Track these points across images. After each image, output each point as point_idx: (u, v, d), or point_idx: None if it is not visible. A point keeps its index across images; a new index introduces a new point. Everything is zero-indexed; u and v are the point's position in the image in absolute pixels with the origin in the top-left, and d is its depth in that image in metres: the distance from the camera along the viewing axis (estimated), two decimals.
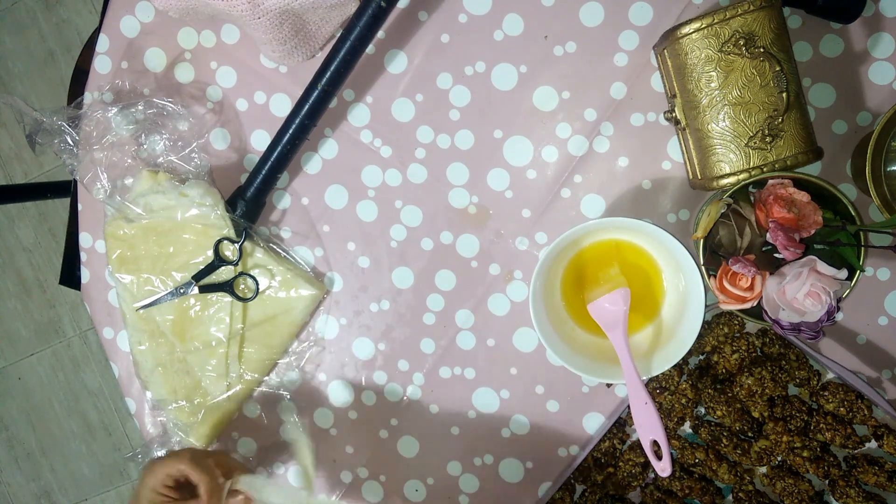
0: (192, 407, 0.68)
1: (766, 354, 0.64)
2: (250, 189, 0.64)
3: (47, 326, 1.66)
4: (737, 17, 0.52)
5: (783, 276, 0.53)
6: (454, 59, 0.65)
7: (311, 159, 0.68)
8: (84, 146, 0.67)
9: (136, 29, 0.68)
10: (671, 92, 0.58)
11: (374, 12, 0.56)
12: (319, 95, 0.60)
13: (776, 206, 0.52)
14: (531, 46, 0.63)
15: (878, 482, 0.60)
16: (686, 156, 0.60)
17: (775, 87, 0.52)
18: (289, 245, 0.69)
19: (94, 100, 0.69)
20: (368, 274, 0.69)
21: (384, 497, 0.70)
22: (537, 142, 0.65)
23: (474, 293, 0.67)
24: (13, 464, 1.71)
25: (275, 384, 0.69)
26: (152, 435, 0.72)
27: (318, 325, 0.70)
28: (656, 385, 0.65)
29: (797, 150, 0.53)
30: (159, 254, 0.66)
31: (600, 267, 0.62)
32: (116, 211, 0.66)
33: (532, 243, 0.66)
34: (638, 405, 0.57)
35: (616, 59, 0.62)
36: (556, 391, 0.67)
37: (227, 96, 0.68)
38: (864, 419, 0.61)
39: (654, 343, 0.61)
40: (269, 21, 0.59)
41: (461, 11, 0.64)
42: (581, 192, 0.65)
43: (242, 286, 0.66)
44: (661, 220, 0.64)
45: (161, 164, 0.67)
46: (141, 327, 0.68)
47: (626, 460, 0.66)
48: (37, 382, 1.68)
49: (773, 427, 0.62)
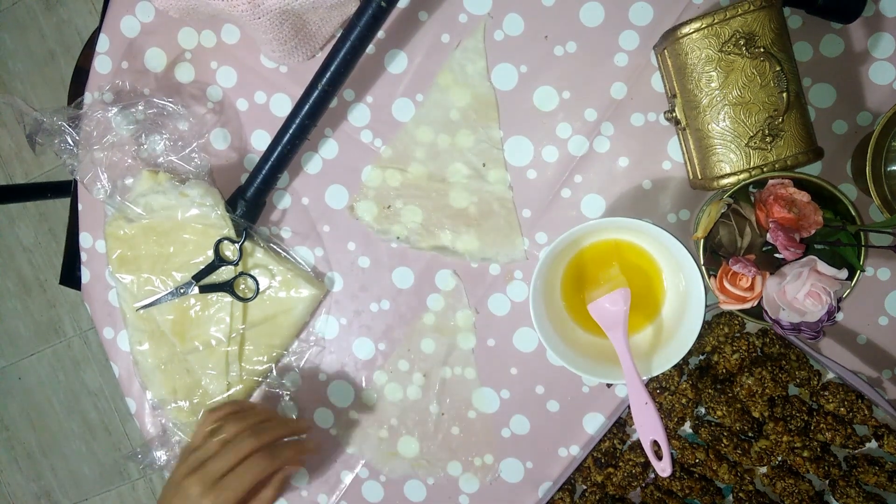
0: (192, 407, 0.68)
1: (767, 354, 0.64)
2: (250, 189, 0.64)
3: (47, 326, 1.66)
4: (737, 17, 0.52)
5: (783, 276, 0.53)
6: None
7: (312, 159, 0.68)
8: (84, 146, 0.67)
9: (136, 29, 0.68)
10: (671, 92, 0.58)
11: (374, 12, 0.56)
12: (320, 95, 0.60)
13: (776, 206, 0.52)
14: (531, 46, 0.63)
15: (879, 482, 0.60)
16: (686, 156, 0.60)
17: (775, 87, 0.52)
18: (289, 245, 0.69)
19: (94, 100, 0.69)
20: (368, 274, 0.69)
21: (384, 497, 0.70)
22: (537, 142, 0.65)
23: (474, 293, 0.67)
24: (13, 464, 1.71)
25: (275, 384, 0.69)
26: (152, 435, 0.72)
27: (319, 325, 0.70)
28: (656, 385, 0.65)
29: (797, 150, 0.53)
30: (159, 254, 0.66)
31: (600, 267, 0.62)
32: (117, 211, 0.66)
33: (532, 243, 0.66)
34: (638, 405, 0.57)
35: (616, 59, 0.62)
36: (556, 391, 0.67)
37: (228, 96, 0.68)
38: (864, 419, 0.61)
39: (655, 343, 0.61)
40: (269, 21, 0.59)
41: (461, 11, 0.64)
42: (581, 192, 0.65)
43: (242, 286, 0.66)
44: (661, 220, 0.64)
45: (161, 164, 0.67)
46: (141, 327, 0.68)
47: (626, 460, 0.66)
48: (37, 382, 1.68)
49: (774, 427, 0.62)
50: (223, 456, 0.58)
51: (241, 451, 0.58)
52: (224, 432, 0.60)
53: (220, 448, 0.59)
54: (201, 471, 0.57)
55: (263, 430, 0.61)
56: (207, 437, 0.60)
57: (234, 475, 0.58)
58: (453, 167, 0.66)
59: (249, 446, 0.59)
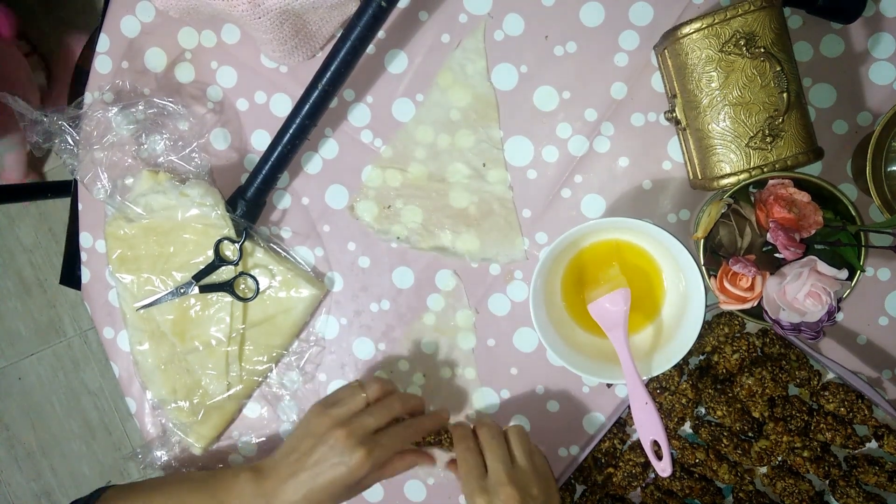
0: (192, 407, 0.68)
1: (767, 354, 0.64)
2: (250, 189, 0.64)
3: (47, 326, 1.66)
4: (737, 18, 0.52)
5: (783, 276, 0.53)
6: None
7: (312, 159, 0.68)
8: (84, 146, 0.67)
9: (136, 29, 0.68)
10: (671, 92, 0.58)
11: (374, 12, 0.56)
12: (320, 95, 0.60)
13: (776, 206, 0.52)
14: (531, 46, 0.63)
15: (879, 482, 0.60)
16: (686, 156, 0.60)
17: (776, 87, 0.52)
18: (289, 245, 0.69)
19: (94, 100, 0.69)
20: (368, 274, 0.69)
21: (384, 497, 0.70)
22: (538, 142, 0.65)
23: (474, 293, 0.67)
24: (13, 464, 1.71)
25: (275, 384, 0.69)
26: (152, 435, 0.72)
27: (319, 325, 0.70)
28: (656, 385, 0.65)
29: (798, 150, 0.53)
30: (159, 254, 0.66)
31: (600, 267, 0.62)
32: (117, 211, 0.66)
33: (532, 243, 0.66)
34: (638, 405, 0.57)
35: (616, 59, 0.62)
36: (556, 391, 0.67)
37: (228, 96, 0.68)
38: (864, 419, 0.61)
39: (655, 343, 0.61)
40: (269, 21, 0.59)
41: (461, 11, 0.64)
42: (581, 192, 0.65)
43: (243, 286, 0.66)
44: (661, 220, 0.64)
45: (161, 163, 0.67)
46: (141, 327, 0.68)
47: (626, 460, 0.66)
48: (37, 382, 1.68)
49: (774, 427, 0.62)
50: (373, 413, 0.57)
51: (392, 412, 0.57)
52: (368, 391, 0.59)
53: (366, 406, 0.57)
54: (351, 424, 0.56)
55: (409, 398, 0.60)
56: (352, 393, 0.58)
57: (385, 435, 0.56)
58: (453, 167, 0.66)
59: (399, 409, 0.58)
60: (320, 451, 0.55)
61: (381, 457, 0.55)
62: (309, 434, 0.56)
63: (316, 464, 0.55)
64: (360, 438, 0.55)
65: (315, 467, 0.54)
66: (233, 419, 0.71)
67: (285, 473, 0.56)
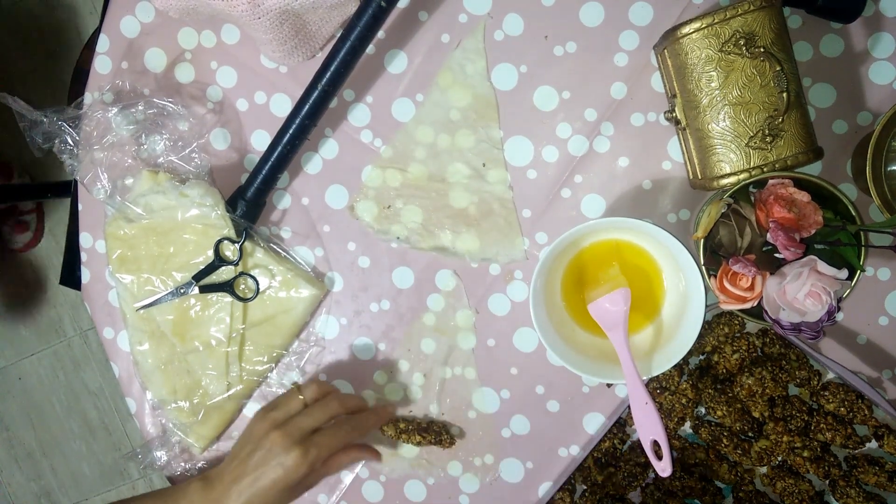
0: (192, 407, 0.68)
1: (767, 354, 0.64)
2: (250, 189, 0.64)
3: (47, 326, 1.66)
4: (737, 17, 0.52)
5: (783, 276, 0.53)
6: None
7: (312, 159, 0.68)
8: (84, 146, 0.67)
9: (136, 29, 0.68)
10: (671, 92, 0.58)
11: (374, 12, 0.56)
12: (320, 95, 0.60)
13: (776, 206, 0.52)
14: (531, 46, 0.63)
15: (879, 482, 0.60)
16: (686, 156, 0.60)
17: (775, 86, 0.52)
18: (289, 245, 0.69)
19: (94, 100, 0.69)
20: (368, 274, 0.69)
21: (384, 497, 0.70)
22: (537, 142, 0.65)
23: (474, 293, 0.67)
24: (13, 464, 1.71)
25: (275, 384, 0.69)
26: (152, 435, 0.72)
27: (319, 325, 0.70)
28: (656, 385, 0.65)
29: (797, 150, 0.53)
30: (159, 254, 0.66)
31: (600, 267, 0.62)
32: (117, 211, 0.66)
33: (532, 243, 0.66)
34: (638, 405, 0.57)
35: (616, 59, 0.62)
36: (556, 391, 0.67)
37: (228, 96, 0.68)
38: (864, 419, 0.61)
39: (655, 343, 0.61)
40: (269, 21, 0.59)
41: (461, 11, 0.64)
42: (581, 192, 0.65)
43: (243, 286, 0.66)
44: (661, 220, 0.64)
45: (161, 164, 0.67)
46: (141, 327, 0.68)
47: (626, 460, 0.66)
48: (37, 382, 1.68)
49: (774, 427, 0.62)
50: (309, 414, 0.58)
51: (329, 411, 0.58)
52: (306, 393, 0.59)
53: (303, 408, 0.58)
54: (287, 426, 0.57)
55: (348, 398, 0.61)
56: (290, 396, 0.60)
57: (322, 434, 0.57)
58: (453, 167, 0.66)
59: (336, 408, 0.58)
60: (259, 455, 0.56)
61: (319, 455, 0.56)
62: (249, 439, 0.58)
63: (255, 468, 0.56)
64: (296, 439, 0.56)
65: (255, 471, 0.56)
66: (233, 419, 0.71)
67: (228, 479, 0.57)
